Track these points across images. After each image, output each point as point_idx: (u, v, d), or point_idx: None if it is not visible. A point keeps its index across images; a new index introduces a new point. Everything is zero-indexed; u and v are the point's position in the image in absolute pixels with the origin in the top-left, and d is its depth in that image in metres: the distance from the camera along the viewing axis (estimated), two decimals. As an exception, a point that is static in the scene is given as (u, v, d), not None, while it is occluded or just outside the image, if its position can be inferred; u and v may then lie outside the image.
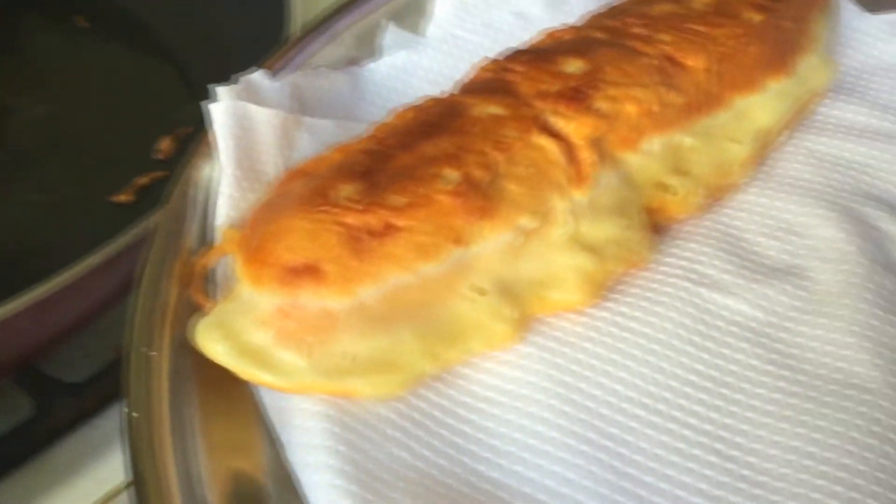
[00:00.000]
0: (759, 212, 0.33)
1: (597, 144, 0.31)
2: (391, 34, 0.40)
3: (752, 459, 0.26)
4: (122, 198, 0.44)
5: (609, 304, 0.30)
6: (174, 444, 0.26)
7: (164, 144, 0.46)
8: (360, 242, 0.27)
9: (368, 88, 0.38)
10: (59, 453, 0.38)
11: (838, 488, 0.25)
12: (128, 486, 0.25)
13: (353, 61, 0.39)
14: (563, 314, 0.30)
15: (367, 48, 0.40)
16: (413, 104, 0.32)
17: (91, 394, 0.38)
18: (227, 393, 0.28)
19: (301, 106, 0.35)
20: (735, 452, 0.26)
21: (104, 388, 0.38)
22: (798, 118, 0.36)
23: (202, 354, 0.27)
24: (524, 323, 0.29)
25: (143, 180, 0.44)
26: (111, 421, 0.38)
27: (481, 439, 0.27)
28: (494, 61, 0.34)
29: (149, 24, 0.53)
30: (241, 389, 0.28)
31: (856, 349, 0.28)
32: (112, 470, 0.37)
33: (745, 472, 0.26)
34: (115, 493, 0.36)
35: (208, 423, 0.27)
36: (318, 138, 0.34)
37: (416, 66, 0.39)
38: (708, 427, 0.27)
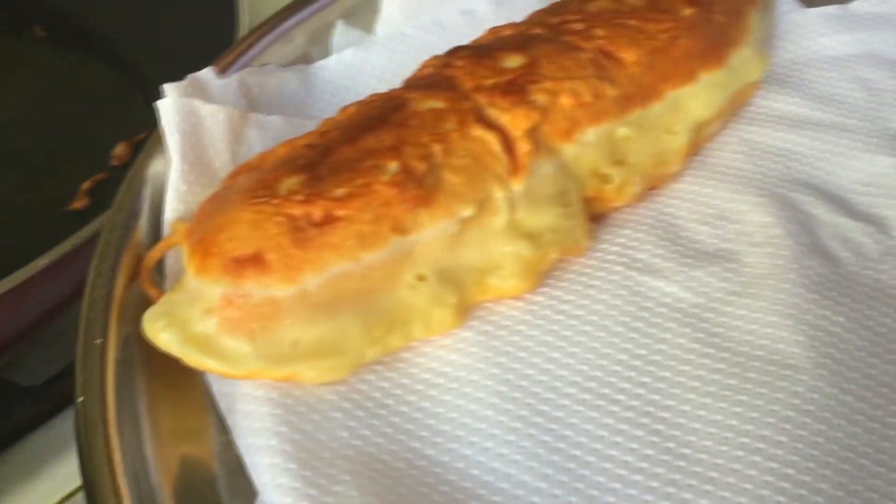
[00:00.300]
0: (692, 199, 0.35)
1: (533, 135, 0.32)
2: (341, 32, 0.41)
3: (676, 432, 0.27)
4: (77, 205, 0.45)
5: (545, 289, 0.31)
6: (124, 431, 0.27)
7: (120, 150, 0.47)
8: (302, 232, 0.28)
9: (318, 86, 0.39)
10: (17, 455, 0.39)
11: (757, 458, 0.27)
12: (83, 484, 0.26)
13: (305, 59, 0.40)
14: (501, 299, 0.31)
15: (319, 46, 0.41)
16: (358, 100, 0.33)
17: (49, 397, 0.39)
18: (176, 381, 0.29)
19: (250, 103, 0.36)
20: (660, 426, 0.28)
21: (62, 390, 0.39)
22: (733, 109, 0.38)
23: (151, 344, 0.28)
24: (464, 309, 0.30)
25: (87, 185, 0.45)
26: (70, 422, 0.39)
27: (419, 419, 0.28)
28: (437, 57, 0.35)
29: (105, 33, 0.54)
30: (190, 378, 0.29)
31: (779, 327, 0.30)
32: (71, 470, 0.38)
33: (670, 445, 0.27)
34: (74, 493, 0.37)
35: (157, 410, 0.28)
36: (267, 134, 0.35)
37: (366, 64, 0.40)
38: (635, 402, 0.28)
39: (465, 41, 0.36)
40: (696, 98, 0.35)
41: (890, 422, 0.28)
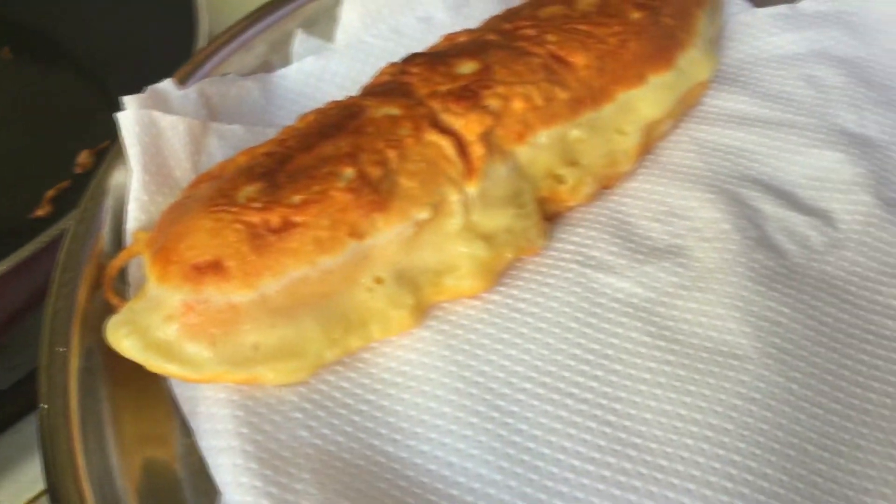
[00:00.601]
0: (644, 197, 0.36)
1: (487, 139, 0.33)
2: (301, 41, 0.42)
3: (627, 423, 0.28)
4: (40, 212, 0.45)
5: (502, 288, 0.32)
6: (87, 437, 0.28)
7: (83, 158, 0.47)
8: (260, 239, 0.29)
9: (279, 94, 0.40)
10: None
11: (705, 446, 0.28)
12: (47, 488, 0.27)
13: (265, 68, 0.41)
14: (458, 300, 0.32)
15: (279, 55, 0.41)
16: (317, 108, 0.34)
17: (15, 401, 0.39)
18: (139, 388, 0.30)
19: (210, 112, 0.36)
20: (612, 418, 0.29)
21: (28, 394, 0.39)
22: (683, 109, 0.39)
23: (115, 352, 0.28)
24: (421, 309, 0.31)
25: (51, 193, 0.45)
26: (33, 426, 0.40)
27: (378, 417, 0.29)
28: (393, 65, 0.35)
29: (68, 44, 0.55)
30: (153, 384, 0.30)
31: (726, 319, 0.31)
32: (38, 473, 0.38)
33: (621, 435, 0.28)
34: (39, 496, 0.38)
35: (121, 416, 0.29)
36: (228, 143, 0.36)
37: (326, 72, 0.41)
38: (588, 395, 0.29)
39: (423, 48, 0.37)
40: (645, 99, 0.36)
41: (833, 407, 0.29)
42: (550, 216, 0.35)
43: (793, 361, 0.30)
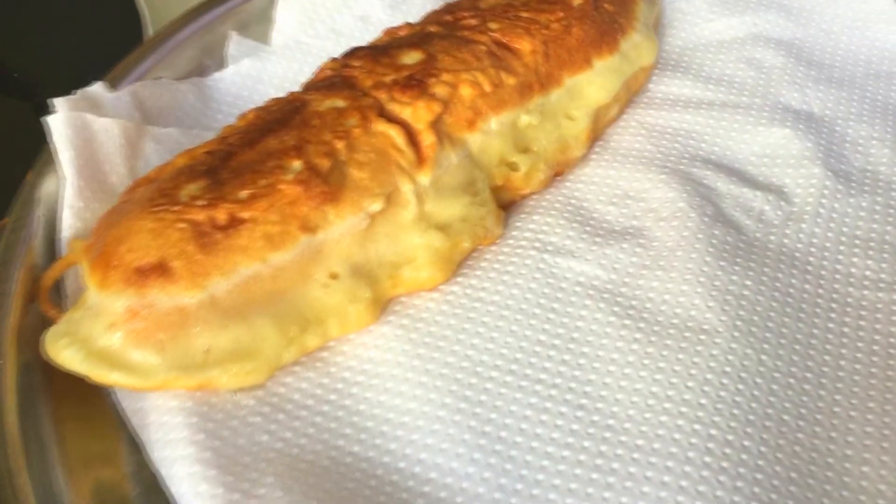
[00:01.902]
0: (597, 182, 0.35)
1: (436, 127, 0.32)
2: (236, 43, 0.40)
3: (600, 405, 0.27)
4: None
5: (461, 279, 0.31)
6: (31, 459, 0.26)
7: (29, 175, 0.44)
8: (206, 237, 0.27)
9: (215, 97, 0.38)
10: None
11: (681, 422, 0.27)
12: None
13: (200, 71, 0.39)
14: (417, 292, 0.31)
15: (214, 59, 0.40)
16: (257, 106, 0.32)
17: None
18: (83, 404, 0.28)
19: (144, 116, 0.35)
20: (584, 401, 0.28)
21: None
22: (629, 94, 0.38)
23: (54, 367, 0.27)
24: (379, 303, 0.30)
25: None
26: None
27: (341, 417, 0.27)
28: (334, 60, 0.34)
29: (7, 65, 0.52)
30: (97, 399, 0.28)
31: (691, 295, 0.30)
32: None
33: (595, 418, 0.27)
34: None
35: (65, 435, 0.27)
36: (164, 147, 0.34)
37: (263, 73, 0.40)
38: (558, 381, 0.28)
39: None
40: (592, 84, 0.36)
41: (806, 376, 0.28)
42: (506, 205, 0.34)
43: (761, 333, 0.29)
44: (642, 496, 0.25)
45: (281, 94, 0.34)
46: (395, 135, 0.31)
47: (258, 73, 0.39)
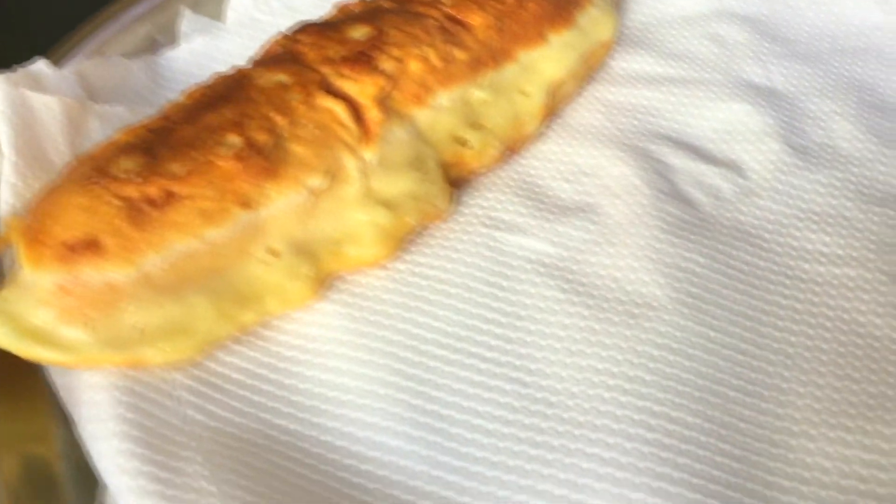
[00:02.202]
0: (552, 159, 0.35)
1: (383, 103, 0.31)
2: (188, 21, 0.40)
3: (541, 381, 0.27)
4: None
5: (406, 256, 0.31)
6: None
7: None
8: (140, 213, 0.27)
9: (166, 75, 0.38)
10: None
11: (622, 397, 0.26)
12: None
13: (151, 49, 0.39)
14: (361, 269, 0.30)
15: (166, 35, 0.39)
16: (202, 83, 0.32)
17: None
18: (15, 382, 0.27)
19: (90, 94, 0.34)
20: (527, 377, 0.27)
21: None
22: (587, 70, 0.38)
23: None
24: (322, 281, 0.29)
25: None
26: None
27: (277, 394, 0.27)
28: (283, 35, 0.34)
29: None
30: (31, 377, 0.27)
31: (639, 271, 0.30)
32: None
33: (535, 393, 0.27)
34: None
35: (-3, 413, 0.27)
36: (110, 125, 0.33)
37: (217, 51, 0.39)
38: (499, 356, 0.28)
39: (314, 21, 0.35)
40: (547, 59, 0.36)
41: (752, 351, 0.28)
42: (457, 182, 0.34)
43: (708, 308, 0.29)
44: (582, 472, 0.25)
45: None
46: (340, 110, 0.30)
47: (211, 51, 0.39)
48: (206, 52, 0.39)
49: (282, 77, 0.31)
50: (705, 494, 0.24)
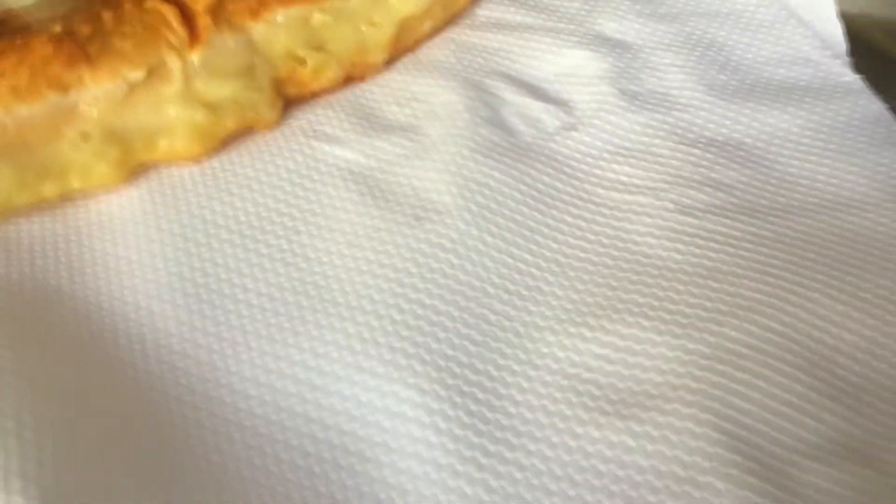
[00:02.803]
0: (391, 86, 0.36)
1: (215, 12, 0.33)
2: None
3: (316, 268, 0.29)
4: None
5: (223, 156, 0.32)
6: None
7: None
8: (-51, 85, 0.28)
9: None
10: None
11: (385, 285, 0.28)
12: None
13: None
14: (177, 163, 0.32)
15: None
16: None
17: None
18: None
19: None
20: (303, 263, 0.29)
21: None
22: (447, 13, 0.39)
23: None
24: (129, 166, 0.31)
25: None
26: None
27: (63, 261, 0.28)
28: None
29: None
30: None
31: (436, 182, 0.31)
32: None
33: (308, 278, 0.28)
34: None
35: None
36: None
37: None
38: (283, 244, 0.29)
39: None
40: (398, -7, 0.37)
41: (524, 257, 0.29)
42: (296, 99, 0.35)
43: (492, 217, 0.30)
44: (326, 342, 0.26)
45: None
46: (169, 13, 0.32)
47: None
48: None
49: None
50: (434, 368, 0.26)
